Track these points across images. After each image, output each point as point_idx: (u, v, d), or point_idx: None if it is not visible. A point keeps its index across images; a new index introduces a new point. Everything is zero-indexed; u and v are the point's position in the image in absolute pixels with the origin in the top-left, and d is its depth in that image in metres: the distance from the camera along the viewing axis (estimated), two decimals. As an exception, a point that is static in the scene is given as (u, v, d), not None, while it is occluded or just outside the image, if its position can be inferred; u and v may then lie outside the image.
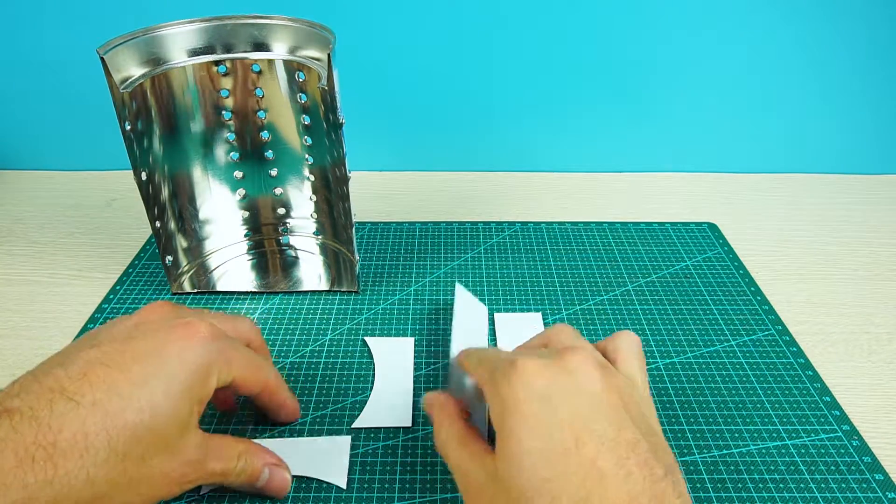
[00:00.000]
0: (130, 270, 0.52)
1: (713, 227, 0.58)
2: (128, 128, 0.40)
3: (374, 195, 0.63)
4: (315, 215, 0.52)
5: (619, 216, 0.60)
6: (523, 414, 0.25)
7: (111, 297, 0.48)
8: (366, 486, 0.34)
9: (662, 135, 0.66)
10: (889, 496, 0.34)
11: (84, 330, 0.45)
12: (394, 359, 0.43)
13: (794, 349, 0.44)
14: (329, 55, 0.38)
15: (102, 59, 0.37)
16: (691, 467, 0.35)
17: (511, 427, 0.25)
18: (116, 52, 0.39)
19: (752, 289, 0.50)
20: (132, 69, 0.41)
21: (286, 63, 0.44)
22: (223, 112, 0.47)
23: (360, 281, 0.50)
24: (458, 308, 0.39)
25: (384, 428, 0.38)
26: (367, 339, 0.44)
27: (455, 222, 0.58)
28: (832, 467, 0.36)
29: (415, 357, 0.43)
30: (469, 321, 0.39)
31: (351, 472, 0.35)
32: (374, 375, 0.41)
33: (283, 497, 0.33)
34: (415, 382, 0.41)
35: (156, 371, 0.28)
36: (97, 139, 0.65)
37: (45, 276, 0.52)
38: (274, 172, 0.50)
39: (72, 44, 0.59)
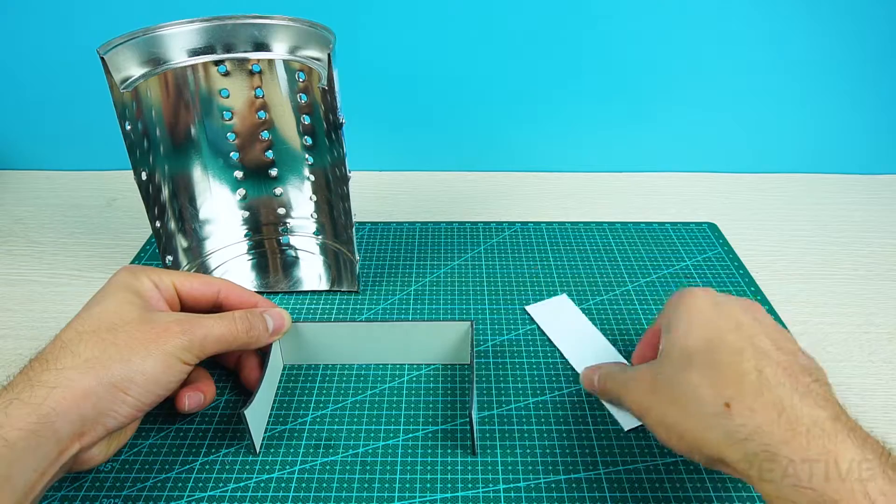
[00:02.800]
0: (130, 270, 0.52)
1: (713, 227, 0.58)
2: (128, 128, 0.40)
3: (374, 195, 0.63)
4: (315, 215, 0.52)
5: (619, 216, 0.60)
6: (696, 307, 0.32)
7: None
8: (366, 486, 0.34)
9: (662, 135, 0.66)
10: (889, 496, 0.34)
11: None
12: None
13: (795, 349, 0.44)
14: (329, 55, 0.38)
15: (102, 58, 0.37)
16: (691, 467, 0.35)
17: (681, 314, 0.33)
18: (116, 52, 0.39)
19: (752, 289, 0.50)
20: (132, 69, 0.41)
21: (286, 63, 0.44)
22: (223, 112, 0.47)
23: (360, 281, 0.50)
24: (548, 322, 0.46)
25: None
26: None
27: (455, 222, 0.58)
28: (832, 467, 0.35)
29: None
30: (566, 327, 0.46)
31: (351, 472, 0.35)
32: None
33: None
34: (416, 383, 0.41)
35: (98, 297, 0.34)
36: (97, 139, 0.65)
37: (45, 276, 0.52)
38: (274, 172, 0.50)
39: (72, 44, 0.59)
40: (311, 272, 0.51)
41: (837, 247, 0.56)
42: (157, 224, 0.45)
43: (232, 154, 0.49)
